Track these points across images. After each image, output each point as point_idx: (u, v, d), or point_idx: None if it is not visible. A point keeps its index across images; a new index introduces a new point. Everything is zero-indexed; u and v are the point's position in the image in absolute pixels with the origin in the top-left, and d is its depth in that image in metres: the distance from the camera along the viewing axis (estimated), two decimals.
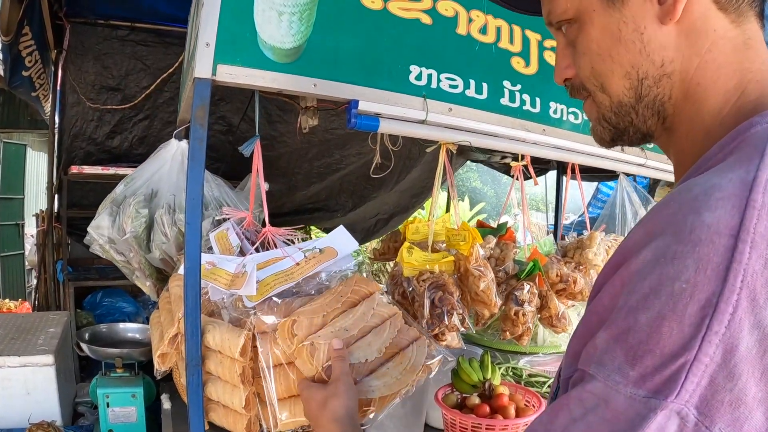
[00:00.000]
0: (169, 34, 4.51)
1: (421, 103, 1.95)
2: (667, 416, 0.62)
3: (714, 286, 0.62)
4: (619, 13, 0.89)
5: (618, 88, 0.91)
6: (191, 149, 1.62)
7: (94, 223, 2.31)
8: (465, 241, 2.19)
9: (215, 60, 1.63)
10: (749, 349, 0.61)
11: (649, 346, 0.65)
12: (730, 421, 0.61)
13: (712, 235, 0.64)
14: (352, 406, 1.38)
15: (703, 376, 0.62)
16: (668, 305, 0.64)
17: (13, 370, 2.71)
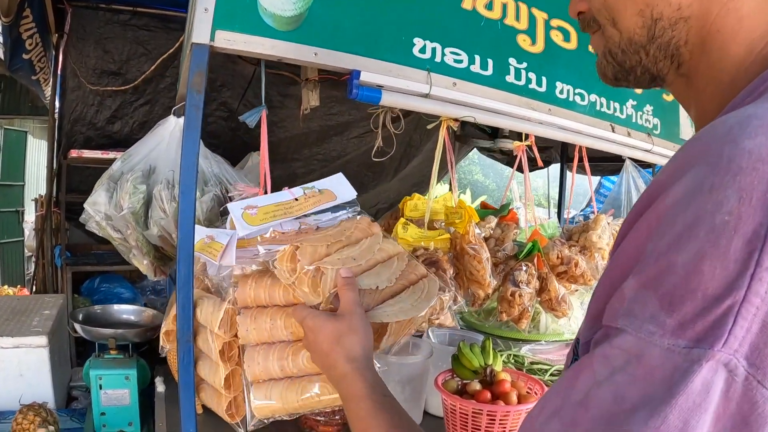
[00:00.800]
0: (171, 19, 4.46)
1: (424, 77, 1.90)
2: (713, 369, 0.54)
3: (761, 216, 0.55)
4: None
5: (630, 25, 0.87)
6: (187, 116, 1.57)
7: (90, 199, 2.27)
8: (461, 219, 2.15)
9: (214, 26, 1.58)
10: None
11: (689, 289, 0.56)
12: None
13: (755, 163, 0.56)
14: (368, 344, 1.27)
15: (753, 320, 0.54)
16: (708, 241, 0.56)
17: (6, 351, 2.69)
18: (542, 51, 2.23)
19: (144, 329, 2.68)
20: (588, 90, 2.38)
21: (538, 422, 0.65)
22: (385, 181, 5.82)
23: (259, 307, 1.67)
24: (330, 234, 1.64)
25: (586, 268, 2.43)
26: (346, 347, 1.25)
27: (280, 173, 5.11)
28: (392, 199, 6.10)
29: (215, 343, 1.70)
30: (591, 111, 2.39)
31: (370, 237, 1.70)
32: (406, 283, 1.64)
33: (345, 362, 1.22)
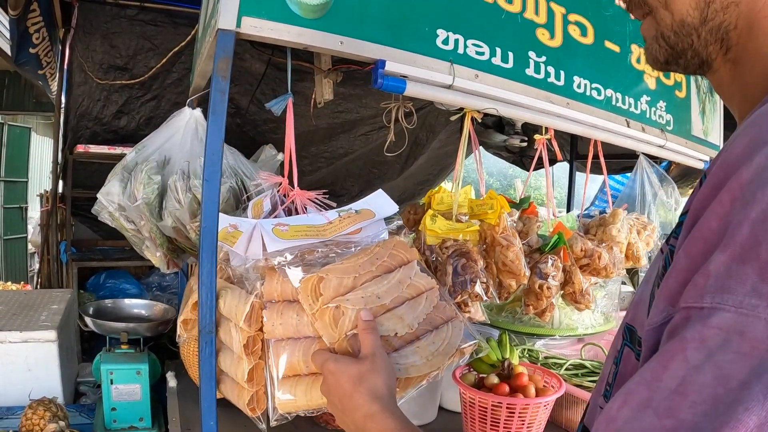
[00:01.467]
0: (178, 14, 4.46)
1: (448, 68, 1.89)
2: None
3: None
4: None
5: (683, 6, 0.86)
6: (212, 101, 1.56)
7: (104, 190, 2.25)
8: (492, 209, 2.13)
9: (240, 12, 1.57)
10: None
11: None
12: None
13: None
14: (392, 385, 1.24)
15: None
16: None
17: (15, 346, 2.67)
18: (560, 45, 2.23)
19: (155, 323, 2.66)
20: (604, 85, 2.38)
21: (623, 419, 0.62)
22: (391, 179, 5.84)
23: (285, 302, 1.64)
24: (360, 263, 1.60)
25: (608, 261, 2.42)
26: (370, 387, 1.20)
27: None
28: (398, 197, 6.11)
29: (240, 337, 1.67)
30: (607, 106, 2.39)
31: (404, 267, 1.65)
32: (429, 327, 1.58)
33: (371, 402, 1.17)
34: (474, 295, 2.01)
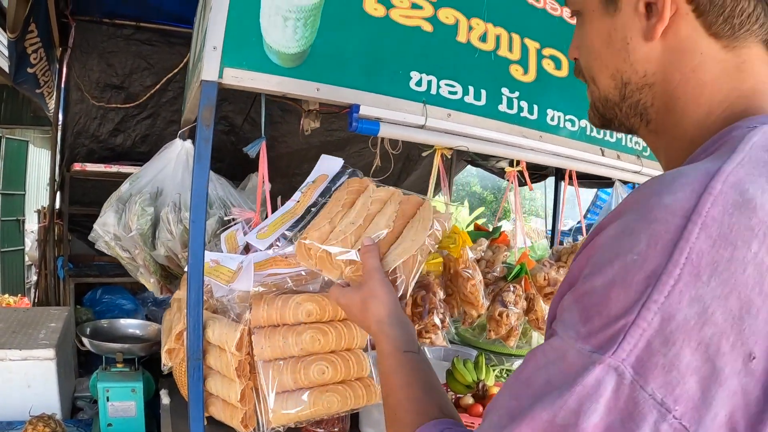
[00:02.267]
0: (173, 34, 4.53)
1: (420, 109, 2.00)
2: (605, 371, 0.67)
3: (660, 259, 0.67)
4: (611, 20, 0.96)
5: (605, 85, 0.99)
6: (197, 149, 1.67)
7: (100, 221, 2.36)
8: (455, 243, 2.24)
9: (222, 63, 1.68)
10: (687, 320, 0.65)
11: (599, 308, 0.70)
12: (663, 384, 0.65)
13: (667, 215, 0.69)
14: (391, 303, 1.39)
15: (640, 338, 0.66)
16: (620, 273, 0.70)
17: (15, 363, 2.75)
18: (534, 80, 2.32)
19: (150, 343, 2.76)
20: (578, 116, 2.46)
21: (500, 394, 0.81)
22: None
23: (271, 327, 1.79)
24: (327, 211, 1.73)
25: None
26: (371, 311, 1.38)
27: (280, 187, 5.14)
28: None
29: (232, 361, 1.81)
30: (581, 136, 2.47)
31: (362, 194, 1.78)
32: (405, 219, 1.71)
33: (373, 324, 1.36)
34: (432, 325, 2.11)
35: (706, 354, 0.65)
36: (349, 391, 1.89)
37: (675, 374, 0.65)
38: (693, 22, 0.90)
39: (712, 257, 0.66)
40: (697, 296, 0.65)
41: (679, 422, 0.65)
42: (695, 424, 0.65)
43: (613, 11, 0.95)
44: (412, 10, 2.00)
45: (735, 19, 0.88)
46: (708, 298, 0.65)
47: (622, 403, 0.66)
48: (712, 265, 0.66)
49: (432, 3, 2.05)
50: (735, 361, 0.65)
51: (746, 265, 0.65)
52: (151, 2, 4.33)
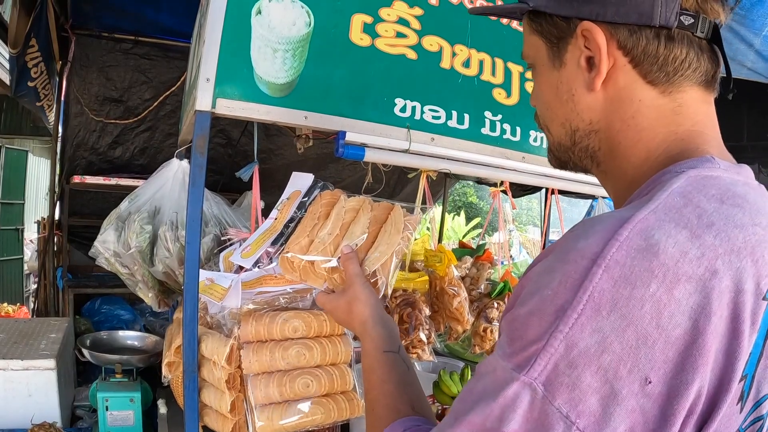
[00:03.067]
0: (172, 48, 4.60)
1: (404, 134, 2.08)
2: (522, 386, 0.77)
3: (568, 296, 0.77)
4: (558, 73, 1.05)
5: (557, 132, 1.09)
6: (192, 175, 1.76)
7: (100, 238, 2.44)
8: (441, 262, 2.33)
9: (215, 94, 1.77)
10: (588, 348, 0.75)
11: (520, 333, 0.81)
12: (567, 400, 0.75)
13: (578, 258, 0.79)
14: (374, 303, 1.49)
15: (549, 361, 0.76)
16: (537, 305, 0.80)
17: (16, 373, 2.80)
18: (517, 102, 2.40)
19: (148, 355, 2.84)
20: None
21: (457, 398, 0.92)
22: None
23: (259, 342, 1.90)
24: (304, 226, 1.85)
25: None
26: (356, 313, 1.48)
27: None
28: None
29: (222, 374, 1.90)
30: None
31: (335, 206, 1.89)
32: (379, 224, 1.82)
33: (357, 325, 1.47)
34: (418, 341, 2.20)
35: (605, 377, 0.74)
36: (333, 404, 1.98)
37: (577, 392, 0.74)
38: (630, 72, 0.98)
39: (612, 295, 0.75)
40: (597, 328, 0.75)
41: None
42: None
43: (559, 66, 1.05)
44: (397, 39, 2.09)
45: (669, 66, 0.97)
46: (607, 330, 0.74)
47: (536, 414, 0.76)
48: (612, 302, 0.75)
49: (416, 31, 2.13)
50: (632, 384, 0.74)
51: (644, 302, 0.74)
52: (150, 17, 4.39)
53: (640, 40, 0.96)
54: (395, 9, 2.09)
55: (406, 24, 2.11)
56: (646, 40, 0.96)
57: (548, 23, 1.05)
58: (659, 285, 0.74)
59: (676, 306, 0.74)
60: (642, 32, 0.96)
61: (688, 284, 0.74)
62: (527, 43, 1.12)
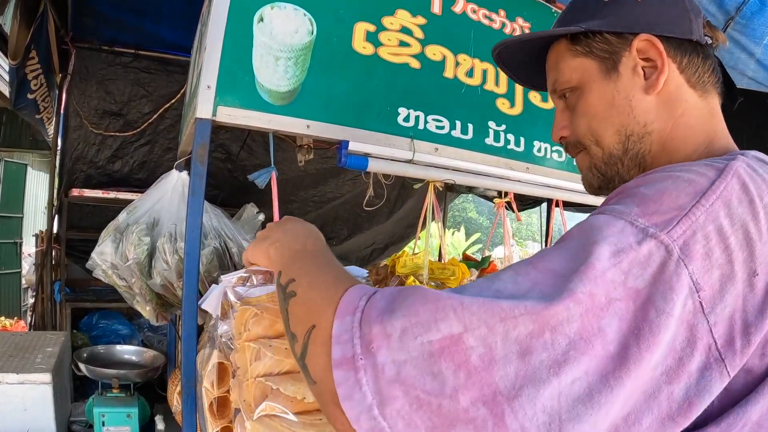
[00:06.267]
0: (171, 62, 4.62)
1: (408, 144, 2.06)
2: (658, 246, 0.81)
3: (705, 184, 0.86)
4: (614, 84, 1.15)
5: (610, 142, 1.16)
6: (192, 184, 1.73)
7: (98, 250, 2.40)
8: (454, 276, 2.28)
9: (216, 102, 1.74)
10: (722, 226, 0.83)
11: (654, 201, 0.87)
12: (700, 268, 0.80)
13: (701, 170, 0.90)
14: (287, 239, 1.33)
15: (689, 227, 0.82)
16: (671, 186, 0.88)
17: (11, 387, 2.78)
18: (521, 112, 2.38)
19: (145, 370, 2.81)
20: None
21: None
22: (380, 223, 5.93)
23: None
24: None
25: None
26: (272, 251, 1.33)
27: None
28: (387, 240, 6.21)
29: (204, 397, 1.69)
30: (569, 166, 2.52)
31: None
32: None
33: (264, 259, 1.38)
34: None
35: (729, 257, 0.82)
36: None
37: (708, 263, 0.81)
38: (678, 77, 1.13)
39: (739, 194, 0.86)
40: (730, 213, 0.84)
41: (700, 302, 0.80)
42: (709, 308, 0.80)
43: (615, 77, 1.15)
44: (400, 48, 2.07)
45: (704, 74, 1.15)
46: (736, 217, 0.84)
47: (666, 275, 0.80)
48: (739, 198, 0.85)
49: (419, 40, 2.11)
50: (744, 271, 0.82)
51: (766, 208, 0.86)
52: (150, 30, 4.40)
53: (686, 50, 1.13)
54: (398, 18, 2.06)
55: (409, 33, 2.09)
56: (689, 50, 1.14)
57: (600, 41, 1.17)
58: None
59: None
60: (685, 44, 1.13)
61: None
62: (568, 69, 1.21)
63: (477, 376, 0.76)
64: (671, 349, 0.79)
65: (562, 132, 1.25)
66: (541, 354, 0.76)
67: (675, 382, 0.80)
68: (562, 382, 0.76)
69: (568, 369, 0.76)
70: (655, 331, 0.78)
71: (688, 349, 0.80)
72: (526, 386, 0.75)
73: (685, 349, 0.80)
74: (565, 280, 0.81)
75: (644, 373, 0.78)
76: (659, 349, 0.78)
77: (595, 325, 0.77)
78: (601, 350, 0.77)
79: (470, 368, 0.76)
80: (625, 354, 0.77)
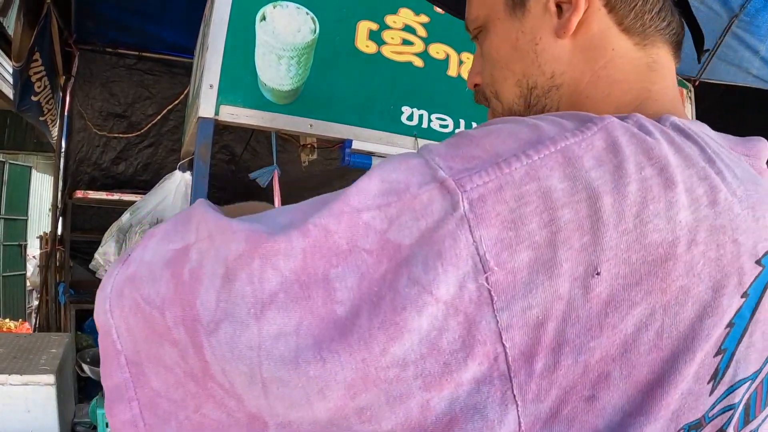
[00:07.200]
0: (175, 63, 4.62)
1: (412, 143, 2.05)
2: (442, 192, 0.55)
3: (552, 131, 0.59)
4: (519, 23, 0.88)
5: (510, 95, 0.90)
6: (194, 184, 1.73)
7: (101, 250, 2.41)
8: None
9: (218, 101, 1.74)
10: (550, 190, 0.55)
11: (467, 142, 0.59)
12: (494, 238, 0.54)
13: (557, 120, 0.62)
14: None
15: (494, 180, 0.55)
16: (505, 128, 0.60)
17: (15, 388, 2.77)
18: None
19: None
20: None
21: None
22: None
23: None
24: None
25: None
26: None
27: None
28: None
29: None
30: None
31: None
32: None
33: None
34: None
35: (553, 237, 0.54)
36: None
37: (511, 235, 0.54)
38: (605, 17, 0.85)
39: (599, 154, 0.58)
40: (571, 176, 0.56)
41: (488, 290, 0.54)
42: (503, 302, 0.54)
43: (521, 15, 0.88)
44: (403, 46, 2.06)
45: (646, 15, 0.85)
46: (580, 185, 0.56)
47: (438, 235, 0.54)
48: (598, 160, 0.57)
49: (423, 39, 2.11)
50: (577, 265, 0.55)
51: (632, 181, 0.57)
52: (153, 32, 4.40)
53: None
54: (401, 16, 2.06)
55: (412, 31, 2.08)
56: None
57: None
58: (654, 175, 0.58)
59: (665, 208, 0.57)
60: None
61: (686, 195, 0.59)
62: (476, 3, 0.94)
63: (182, 292, 0.61)
64: (431, 347, 0.54)
65: (475, 78, 0.96)
66: (245, 286, 0.58)
67: (435, 390, 0.55)
68: (264, 332, 0.57)
69: (272, 316, 0.57)
70: (398, 308, 0.54)
71: (461, 353, 0.54)
72: (224, 322, 0.58)
73: (456, 352, 0.54)
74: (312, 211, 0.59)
75: (380, 365, 0.54)
76: (405, 340, 0.54)
77: (319, 271, 0.56)
78: (322, 307, 0.56)
79: (179, 281, 0.62)
80: (352, 324, 0.55)
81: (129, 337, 0.66)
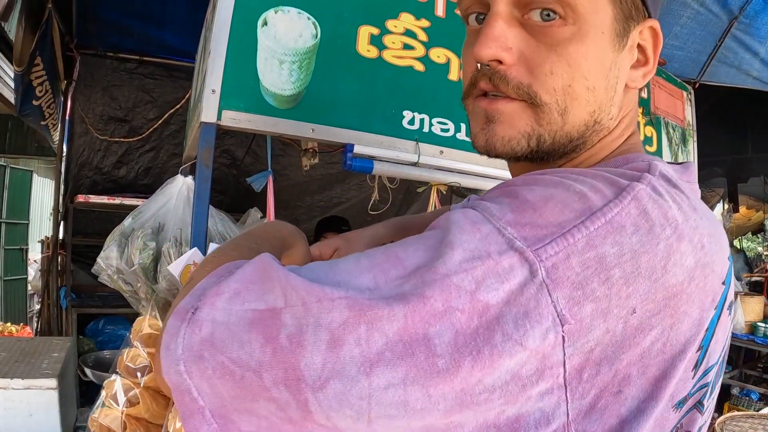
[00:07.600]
0: (176, 68, 4.64)
1: (413, 147, 2.06)
2: (522, 262, 0.66)
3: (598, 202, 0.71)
4: (616, 54, 0.85)
5: (578, 121, 0.85)
6: (197, 188, 1.73)
7: (103, 254, 2.41)
8: None
9: (220, 106, 1.74)
10: (605, 255, 0.68)
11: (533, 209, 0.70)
12: (567, 297, 0.67)
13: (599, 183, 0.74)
14: None
15: (563, 250, 0.67)
16: (559, 195, 0.71)
17: (17, 392, 2.77)
18: None
19: None
20: None
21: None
22: None
23: None
24: None
25: None
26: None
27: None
28: None
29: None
30: None
31: None
32: None
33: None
34: None
35: (608, 291, 0.68)
36: None
37: (579, 294, 0.67)
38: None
39: (635, 220, 0.71)
40: (619, 242, 0.69)
41: (563, 336, 0.67)
42: (571, 342, 0.68)
43: (619, 46, 0.85)
44: (404, 51, 2.07)
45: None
46: (626, 248, 0.69)
47: (523, 299, 0.66)
48: (635, 226, 0.70)
49: (423, 43, 2.11)
50: (622, 308, 0.69)
51: (660, 241, 0.71)
52: (154, 36, 4.42)
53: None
54: (402, 21, 2.07)
55: (413, 36, 2.09)
56: None
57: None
58: (672, 233, 0.73)
59: (680, 257, 0.73)
60: None
61: (689, 245, 0.74)
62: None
63: (282, 356, 0.68)
64: (514, 376, 0.68)
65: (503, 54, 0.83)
66: (353, 349, 0.66)
67: (511, 404, 0.69)
68: (374, 384, 0.66)
69: (380, 371, 0.66)
70: (495, 358, 0.66)
71: (535, 377, 0.68)
72: (333, 380, 0.66)
73: (531, 376, 0.68)
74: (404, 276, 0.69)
75: (474, 393, 0.67)
76: (496, 374, 0.67)
77: (419, 331, 0.66)
78: (425, 361, 0.66)
79: (277, 346, 0.68)
80: (455, 372, 0.66)
81: (213, 394, 0.71)
